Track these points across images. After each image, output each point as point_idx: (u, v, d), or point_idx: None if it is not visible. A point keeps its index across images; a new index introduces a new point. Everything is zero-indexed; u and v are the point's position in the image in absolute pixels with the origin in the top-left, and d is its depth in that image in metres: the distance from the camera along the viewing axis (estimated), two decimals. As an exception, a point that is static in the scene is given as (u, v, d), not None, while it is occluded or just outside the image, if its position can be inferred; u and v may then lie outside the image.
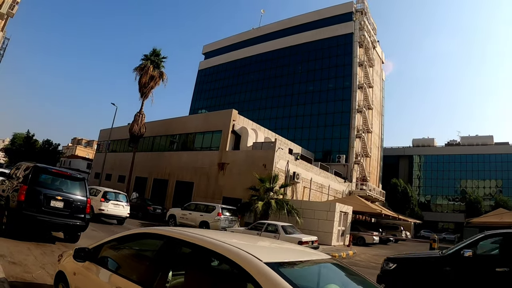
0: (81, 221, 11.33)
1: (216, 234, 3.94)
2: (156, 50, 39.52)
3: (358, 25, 64.00)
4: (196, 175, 34.99)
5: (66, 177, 11.73)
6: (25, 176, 10.89)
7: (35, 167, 11.00)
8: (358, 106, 57.89)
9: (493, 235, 8.35)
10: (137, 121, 38.17)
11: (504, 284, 6.94)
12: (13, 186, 11.36)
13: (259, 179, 24.84)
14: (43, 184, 10.93)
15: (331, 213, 26.28)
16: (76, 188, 11.59)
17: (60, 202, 10.84)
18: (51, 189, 10.95)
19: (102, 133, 56.68)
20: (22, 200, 10.11)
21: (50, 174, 11.42)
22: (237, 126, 34.46)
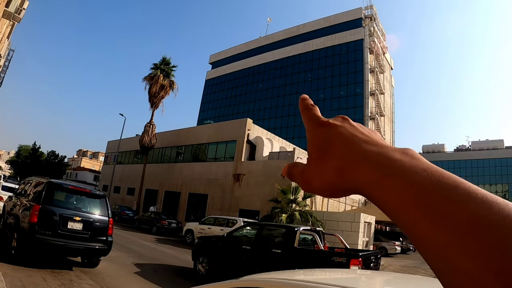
0: (103, 244, 9.97)
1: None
2: (165, 58, 38.57)
3: (368, 31, 63.17)
4: (210, 186, 33.71)
5: (84, 194, 10.39)
6: (38, 194, 9.61)
7: (49, 184, 9.67)
8: (371, 113, 56.85)
9: (249, 224, 13.82)
10: (147, 132, 37.11)
11: (246, 256, 10.84)
12: (22, 204, 10.16)
13: (281, 190, 23.57)
14: (58, 202, 9.70)
15: (356, 224, 24.85)
16: (96, 207, 10.27)
17: (78, 224, 9.51)
18: (68, 208, 9.67)
19: (109, 145, 55.41)
20: (34, 222, 8.82)
21: (66, 191, 10.18)
22: (252, 136, 33.22)
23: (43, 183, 9.93)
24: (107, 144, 56.10)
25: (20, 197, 11.16)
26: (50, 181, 9.82)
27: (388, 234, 38.82)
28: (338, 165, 0.46)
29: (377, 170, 0.42)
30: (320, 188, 0.49)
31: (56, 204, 9.57)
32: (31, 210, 8.99)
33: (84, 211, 9.94)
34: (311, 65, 67.69)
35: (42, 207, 9.05)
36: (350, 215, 25.97)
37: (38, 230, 8.82)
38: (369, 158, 0.43)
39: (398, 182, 0.40)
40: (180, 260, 15.06)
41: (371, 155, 0.44)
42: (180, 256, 16.53)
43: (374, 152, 0.44)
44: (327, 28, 68.24)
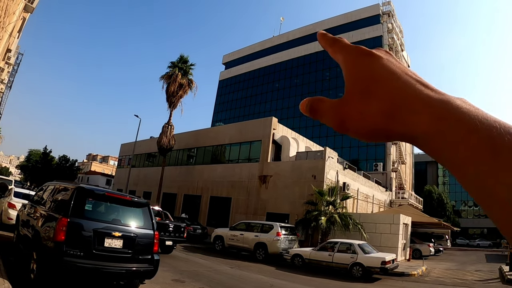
0: (148, 264, 8.06)
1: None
2: (183, 56, 37.02)
3: (386, 27, 61.40)
4: (233, 189, 32.08)
5: (124, 203, 8.47)
6: (63, 203, 7.66)
7: (79, 190, 7.70)
8: (392, 111, 54.94)
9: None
10: (165, 133, 35.52)
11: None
12: (42, 215, 8.25)
13: (318, 192, 22.02)
14: (91, 214, 7.77)
15: (395, 225, 23.30)
16: (138, 218, 8.45)
17: (118, 240, 7.62)
18: (104, 221, 7.73)
19: (123, 148, 53.97)
20: (61, 240, 6.84)
21: (100, 199, 8.11)
22: (277, 135, 31.62)
23: (70, 189, 8.02)
24: (121, 147, 54.70)
25: (37, 206, 9.31)
26: (80, 187, 7.87)
27: (419, 235, 37.22)
28: (388, 108, 0.42)
29: (442, 118, 0.37)
30: (360, 131, 0.45)
31: (89, 216, 7.63)
32: (57, 225, 6.99)
33: (124, 223, 8.08)
34: (329, 63, 65.88)
35: (71, 220, 7.07)
36: (389, 216, 24.44)
37: (66, 251, 6.84)
38: (431, 105, 0.39)
39: (466, 131, 0.35)
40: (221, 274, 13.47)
41: (433, 101, 0.39)
42: (218, 267, 14.94)
43: (435, 98, 0.39)
44: (344, 25, 66.56)
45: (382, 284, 15.22)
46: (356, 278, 15.65)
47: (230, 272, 13.87)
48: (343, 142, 55.99)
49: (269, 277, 13.80)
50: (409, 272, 18.45)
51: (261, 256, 19.09)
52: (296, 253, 17.94)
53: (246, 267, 15.87)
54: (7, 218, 14.77)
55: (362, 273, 15.82)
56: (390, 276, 16.76)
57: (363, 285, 14.62)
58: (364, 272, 15.81)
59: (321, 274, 16.20)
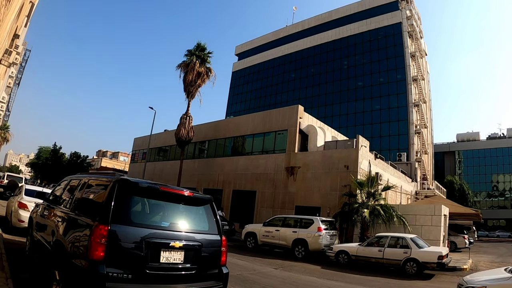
0: (216, 281, 6.04)
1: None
2: (200, 44, 35.49)
3: (405, 14, 59.44)
4: (258, 182, 30.67)
5: (181, 199, 6.09)
6: (98, 203, 5.51)
7: (122, 184, 5.44)
8: (414, 100, 53.25)
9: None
10: (183, 124, 34.08)
11: None
12: (65, 219, 6.23)
13: (358, 183, 20.56)
14: (140, 218, 5.61)
15: (437, 217, 21.83)
16: (201, 219, 6.34)
17: (178, 253, 5.52)
18: (159, 227, 5.60)
19: (136, 142, 52.62)
20: (100, 257, 4.74)
21: (152, 195, 5.78)
22: (303, 125, 30.13)
23: (106, 183, 5.74)
24: (134, 141, 53.38)
25: (56, 206, 7.29)
26: (123, 179, 5.53)
27: (451, 227, 35.81)
28: None
29: None
30: None
31: (137, 220, 5.40)
32: (92, 235, 4.84)
33: (184, 229, 5.87)
34: (347, 51, 64.34)
35: (112, 228, 4.92)
36: (430, 208, 22.96)
37: (108, 274, 4.74)
38: None
39: None
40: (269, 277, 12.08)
41: None
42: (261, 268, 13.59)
43: None
44: (362, 12, 64.75)
45: (443, 281, 13.96)
46: (410, 275, 14.32)
47: (277, 275, 12.53)
48: (364, 132, 54.37)
49: (322, 279, 12.51)
50: (460, 266, 17.27)
51: (300, 254, 17.61)
52: (341, 250, 16.52)
53: (290, 267, 14.52)
54: (17, 221, 12.49)
55: (416, 269, 14.47)
56: (443, 272, 15.35)
57: (425, 282, 13.36)
58: (418, 268, 14.50)
59: (371, 271, 14.88)
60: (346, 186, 23.83)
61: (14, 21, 15.21)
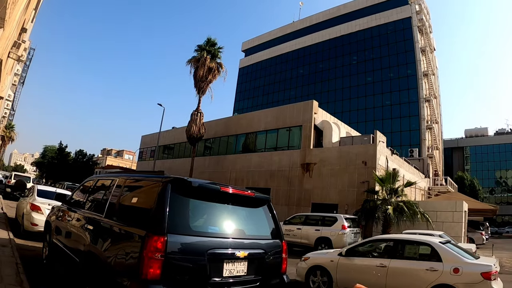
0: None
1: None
2: (210, 39, 35.23)
3: (415, 8, 58.87)
4: (272, 179, 30.31)
5: (242, 201, 5.41)
6: (144, 209, 4.74)
7: (176, 183, 4.66)
8: (425, 95, 52.77)
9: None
10: (194, 121, 33.72)
11: None
12: (100, 228, 5.42)
13: (380, 179, 20.18)
14: (199, 225, 4.79)
15: (458, 213, 21.50)
16: (262, 223, 5.68)
17: (241, 263, 4.88)
18: (221, 235, 4.86)
19: (144, 139, 52.28)
20: (156, 277, 4.04)
21: (210, 198, 4.97)
22: (317, 120, 29.74)
23: (155, 184, 4.89)
24: (141, 138, 53.06)
25: (81, 211, 6.59)
26: (177, 179, 4.71)
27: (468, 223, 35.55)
28: None
29: None
30: None
31: (196, 229, 4.63)
32: (144, 248, 4.06)
33: (247, 236, 5.20)
34: (356, 46, 63.88)
35: (169, 240, 4.17)
36: (451, 204, 22.55)
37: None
38: None
39: None
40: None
41: None
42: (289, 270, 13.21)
43: None
44: (371, 7, 64.20)
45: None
46: None
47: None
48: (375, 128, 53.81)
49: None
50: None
51: (324, 253, 17.27)
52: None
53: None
54: (30, 224, 11.57)
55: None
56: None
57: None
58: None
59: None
60: (364, 183, 23.49)
61: (22, 12, 14.84)
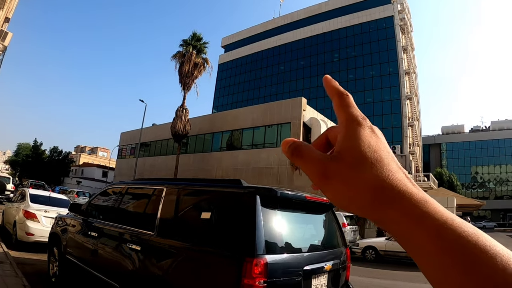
0: None
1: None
2: (196, 34, 34.87)
3: (397, 7, 59.51)
4: (261, 177, 29.86)
5: (318, 209, 5.12)
6: (227, 229, 4.13)
7: (264, 193, 4.07)
8: (407, 93, 53.42)
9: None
10: (179, 117, 33.21)
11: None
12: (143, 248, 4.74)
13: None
14: (290, 240, 4.35)
15: (450, 209, 21.27)
16: (332, 230, 5.34)
17: (324, 276, 4.49)
18: (310, 249, 4.56)
19: (123, 137, 50.80)
20: None
21: (294, 207, 4.66)
22: (305, 118, 29.50)
23: (233, 195, 4.35)
24: (121, 135, 51.60)
25: (105, 224, 5.86)
26: (264, 188, 4.17)
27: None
28: (375, 191, 0.44)
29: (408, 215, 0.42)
30: (338, 193, 0.46)
31: (288, 245, 4.21)
32: (245, 275, 3.49)
33: (326, 246, 4.95)
34: (338, 44, 64.06)
35: (270, 261, 3.64)
36: (443, 199, 22.79)
37: None
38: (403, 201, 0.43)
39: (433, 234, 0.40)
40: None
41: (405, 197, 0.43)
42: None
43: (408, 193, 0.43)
44: (353, 5, 64.38)
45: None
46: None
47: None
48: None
49: (363, 277, 11.82)
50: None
51: (324, 251, 17.06)
52: (368, 245, 16.00)
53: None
54: (25, 234, 10.40)
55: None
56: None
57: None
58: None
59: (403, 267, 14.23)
60: (356, 180, 23.35)
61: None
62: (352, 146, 0.46)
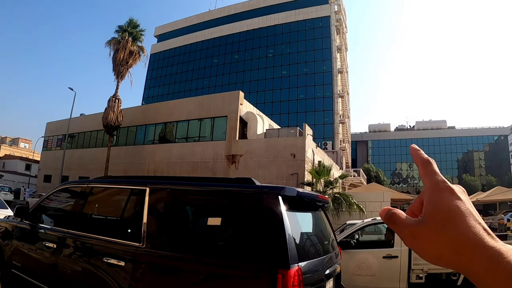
0: None
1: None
2: (133, 20, 33.48)
3: (334, 8, 61.04)
4: (195, 171, 28.93)
5: (316, 206, 4.73)
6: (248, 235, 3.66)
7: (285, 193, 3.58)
8: (339, 91, 54.89)
9: None
10: (112, 108, 31.58)
11: None
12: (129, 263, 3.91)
13: (316, 172, 20.14)
14: (309, 244, 4.27)
15: (386, 203, 22.36)
16: (327, 228, 4.98)
17: (332, 279, 4.20)
18: (325, 252, 4.34)
19: (50, 127, 47.43)
20: None
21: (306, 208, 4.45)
22: (242, 112, 29.15)
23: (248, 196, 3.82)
24: (47, 126, 48.18)
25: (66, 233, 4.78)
26: (284, 188, 3.65)
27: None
28: (453, 248, 0.50)
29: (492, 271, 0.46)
30: (427, 253, 0.53)
31: (310, 250, 4.08)
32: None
33: (331, 247, 4.65)
34: (273, 40, 64.44)
35: (304, 270, 3.32)
36: (379, 194, 23.43)
37: None
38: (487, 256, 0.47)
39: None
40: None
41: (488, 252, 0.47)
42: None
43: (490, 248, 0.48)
44: (291, 2, 65.16)
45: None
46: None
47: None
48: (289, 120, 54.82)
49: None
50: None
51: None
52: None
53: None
54: None
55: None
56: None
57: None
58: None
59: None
60: (293, 175, 23.44)
61: None
62: (434, 210, 0.53)
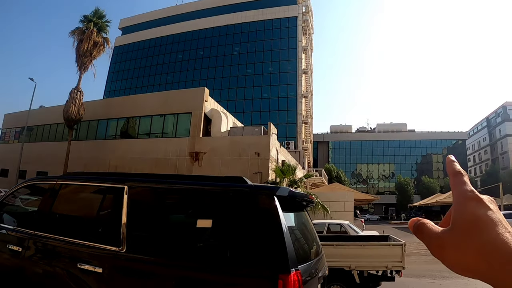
0: None
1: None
2: (98, 10, 32.73)
3: (302, 9, 61.67)
4: (158, 168, 28.34)
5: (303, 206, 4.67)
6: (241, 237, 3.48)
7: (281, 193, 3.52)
8: (303, 91, 55.53)
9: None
10: (73, 100, 30.68)
11: None
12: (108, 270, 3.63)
13: (280, 171, 20.39)
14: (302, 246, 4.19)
15: (349, 203, 23.38)
16: (314, 229, 5.01)
17: (321, 281, 4.30)
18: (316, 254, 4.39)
19: (7, 119, 45.56)
20: None
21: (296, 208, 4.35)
22: (206, 109, 29.00)
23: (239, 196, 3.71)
24: (4, 117, 46.42)
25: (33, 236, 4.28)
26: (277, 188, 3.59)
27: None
28: (481, 256, 0.49)
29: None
30: (453, 263, 0.52)
31: (304, 253, 4.00)
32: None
33: (319, 247, 4.60)
34: (240, 38, 64.44)
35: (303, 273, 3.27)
36: (342, 194, 24.32)
37: None
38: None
39: None
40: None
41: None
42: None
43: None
44: (259, 1, 65.33)
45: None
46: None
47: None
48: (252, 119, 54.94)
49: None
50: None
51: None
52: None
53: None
54: None
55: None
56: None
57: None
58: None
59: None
60: (257, 173, 23.57)
61: None
62: (460, 218, 0.53)
